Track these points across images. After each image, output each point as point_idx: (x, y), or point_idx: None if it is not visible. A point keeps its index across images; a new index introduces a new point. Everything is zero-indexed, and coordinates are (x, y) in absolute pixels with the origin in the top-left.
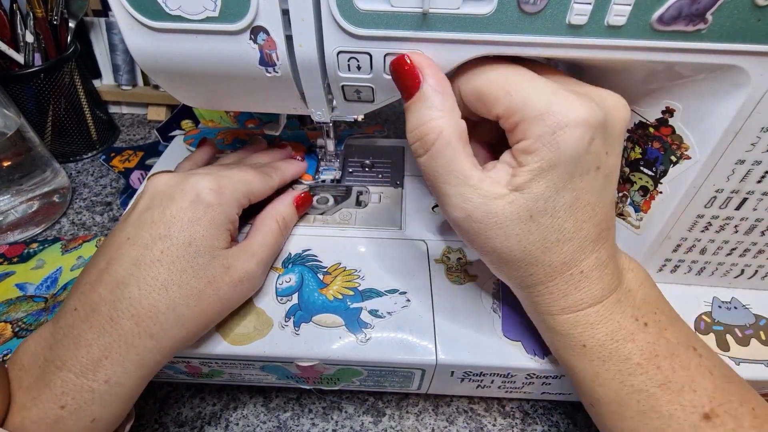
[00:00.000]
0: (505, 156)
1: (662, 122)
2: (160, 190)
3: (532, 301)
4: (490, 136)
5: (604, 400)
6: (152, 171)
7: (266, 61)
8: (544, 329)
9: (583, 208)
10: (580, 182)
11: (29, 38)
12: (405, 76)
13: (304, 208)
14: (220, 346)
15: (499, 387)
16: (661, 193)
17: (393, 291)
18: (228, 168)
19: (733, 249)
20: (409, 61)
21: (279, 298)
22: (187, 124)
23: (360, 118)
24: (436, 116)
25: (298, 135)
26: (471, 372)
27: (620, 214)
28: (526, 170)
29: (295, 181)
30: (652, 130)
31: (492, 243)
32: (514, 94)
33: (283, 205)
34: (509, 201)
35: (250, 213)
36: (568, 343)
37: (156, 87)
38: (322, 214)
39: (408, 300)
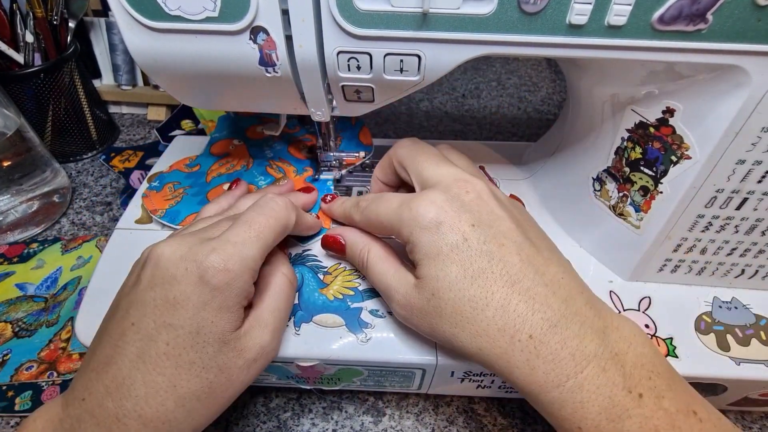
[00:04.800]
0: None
1: (663, 122)
2: (162, 266)
3: (512, 383)
4: None
5: None
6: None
7: (266, 61)
8: (544, 416)
9: (479, 275)
10: (456, 255)
11: (29, 38)
12: (330, 243)
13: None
14: None
15: (499, 387)
16: (661, 193)
17: None
18: (235, 224)
19: (734, 249)
20: (331, 236)
21: None
22: (187, 124)
23: (362, 156)
24: (363, 247)
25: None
26: (471, 372)
27: (620, 214)
28: (416, 263)
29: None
30: (652, 130)
31: (428, 323)
32: (383, 219)
33: (288, 271)
34: (415, 285)
35: None
36: (563, 426)
37: (156, 87)
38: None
39: None
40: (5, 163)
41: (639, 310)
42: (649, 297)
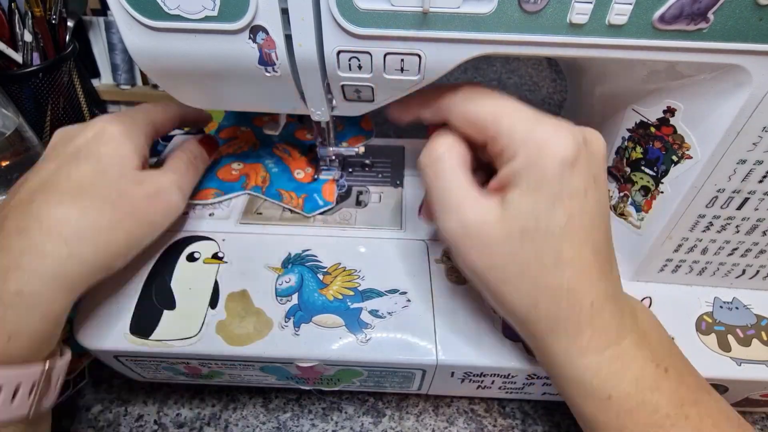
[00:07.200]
0: (495, 180)
1: (663, 122)
2: (62, 134)
3: (546, 345)
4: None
5: None
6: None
7: (265, 61)
8: (563, 381)
9: (578, 230)
10: (570, 203)
11: (27, 37)
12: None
13: (209, 148)
14: (220, 347)
15: (499, 388)
16: (662, 192)
17: (393, 291)
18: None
19: (735, 249)
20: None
21: (279, 298)
22: None
23: (361, 150)
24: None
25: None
26: (471, 372)
27: (621, 214)
28: (515, 189)
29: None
30: (653, 129)
31: (487, 260)
32: (503, 120)
33: (189, 143)
34: (500, 217)
35: None
36: (591, 393)
37: (155, 86)
38: (322, 213)
39: (408, 300)
40: (3, 163)
41: None
42: (649, 297)
